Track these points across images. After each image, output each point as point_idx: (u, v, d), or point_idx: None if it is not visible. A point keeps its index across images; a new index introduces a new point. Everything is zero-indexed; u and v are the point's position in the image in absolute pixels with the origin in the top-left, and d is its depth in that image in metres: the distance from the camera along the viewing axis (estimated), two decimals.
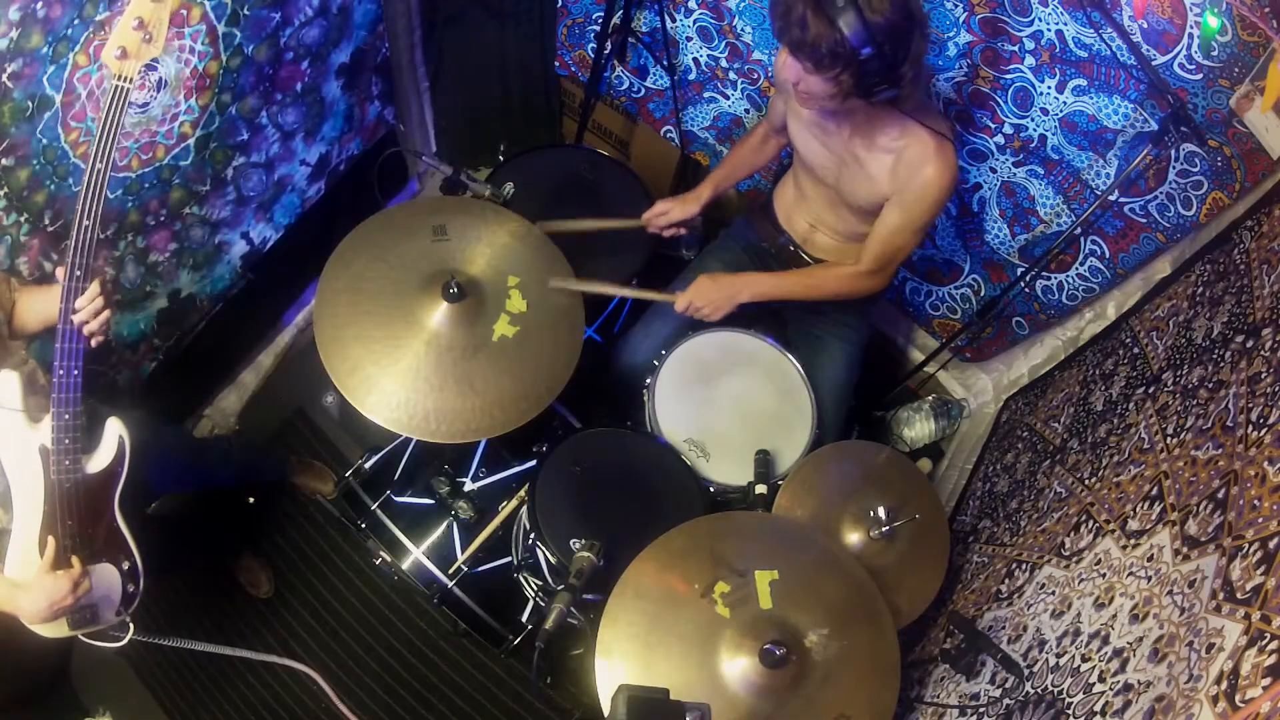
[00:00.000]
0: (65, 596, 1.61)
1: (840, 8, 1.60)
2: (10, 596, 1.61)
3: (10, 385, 1.58)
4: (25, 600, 1.60)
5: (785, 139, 2.26)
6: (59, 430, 1.56)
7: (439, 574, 2.21)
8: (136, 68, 1.43)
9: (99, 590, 1.74)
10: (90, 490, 1.66)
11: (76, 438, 1.58)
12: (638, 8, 2.62)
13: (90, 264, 1.48)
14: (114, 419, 1.70)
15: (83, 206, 1.43)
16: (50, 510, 1.63)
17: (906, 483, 2.08)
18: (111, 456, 1.69)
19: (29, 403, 1.60)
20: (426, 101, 3.11)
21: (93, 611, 1.74)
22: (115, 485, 1.71)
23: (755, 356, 2.30)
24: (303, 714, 2.54)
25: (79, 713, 2.45)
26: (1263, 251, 1.73)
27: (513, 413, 1.93)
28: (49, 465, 1.59)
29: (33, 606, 1.60)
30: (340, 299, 1.93)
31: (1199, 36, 1.78)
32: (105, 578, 1.75)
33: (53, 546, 1.62)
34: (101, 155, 1.42)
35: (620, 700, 1.20)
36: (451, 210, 2.12)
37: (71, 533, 1.65)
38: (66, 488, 1.62)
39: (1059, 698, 1.49)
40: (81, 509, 1.65)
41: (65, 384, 1.53)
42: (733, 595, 1.67)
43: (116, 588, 1.78)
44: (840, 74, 1.69)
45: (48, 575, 1.61)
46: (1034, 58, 2.09)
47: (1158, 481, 1.60)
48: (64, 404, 1.54)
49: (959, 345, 2.82)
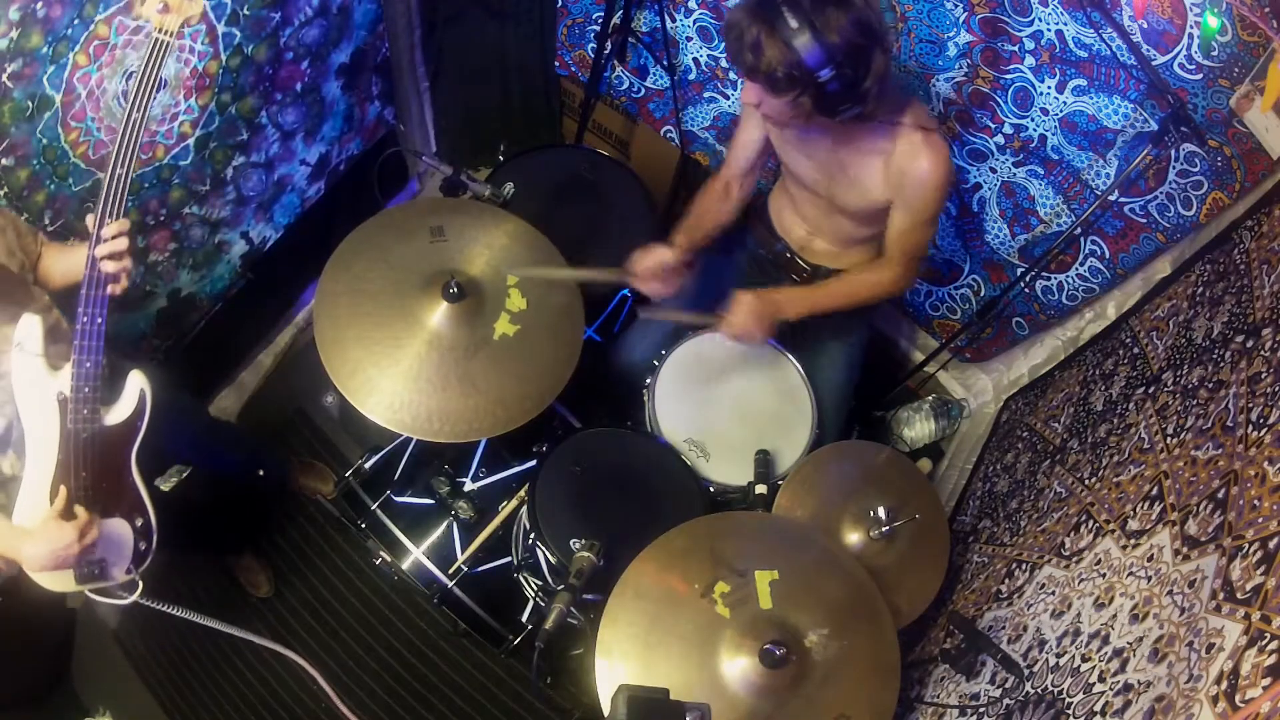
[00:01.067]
0: (70, 545, 1.58)
1: (794, 29, 1.56)
2: (14, 543, 1.59)
3: (33, 329, 1.57)
4: (28, 547, 1.58)
5: (751, 182, 2.20)
6: (79, 378, 1.55)
7: (439, 574, 2.21)
8: (178, 22, 1.45)
9: (109, 545, 1.71)
10: (107, 442, 1.65)
11: (96, 387, 1.57)
12: (638, 8, 2.62)
13: (120, 212, 1.49)
14: (137, 372, 1.69)
15: (117, 154, 1.45)
16: (64, 459, 1.61)
17: (906, 483, 2.08)
18: (131, 409, 1.67)
19: (50, 350, 1.59)
20: (426, 101, 3.11)
21: (101, 566, 1.70)
22: (133, 440, 1.69)
23: (755, 356, 2.30)
24: (302, 714, 2.54)
25: (79, 713, 2.45)
26: (1263, 251, 1.73)
27: (515, 411, 1.93)
28: (66, 413, 1.58)
29: (35, 553, 1.58)
30: (340, 301, 1.93)
31: (1199, 36, 1.78)
32: (116, 533, 1.73)
33: (63, 496, 1.60)
34: (138, 105, 1.44)
35: (620, 700, 1.20)
36: (449, 211, 2.13)
37: (84, 484, 1.64)
38: (83, 438, 1.60)
39: (1059, 698, 1.49)
40: (97, 461, 1.64)
41: (88, 331, 1.52)
42: (733, 595, 1.67)
43: (128, 544, 1.75)
44: (799, 96, 1.66)
45: (54, 523, 1.58)
46: (1034, 58, 2.08)
47: (1158, 481, 1.60)
48: (86, 351, 1.53)
49: (959, 345, 2.82)
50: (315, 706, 2.53)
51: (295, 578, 2.74)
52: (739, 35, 1.63)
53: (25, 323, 1.56)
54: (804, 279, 2.30)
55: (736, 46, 1.65)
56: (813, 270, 2.28)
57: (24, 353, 1.56)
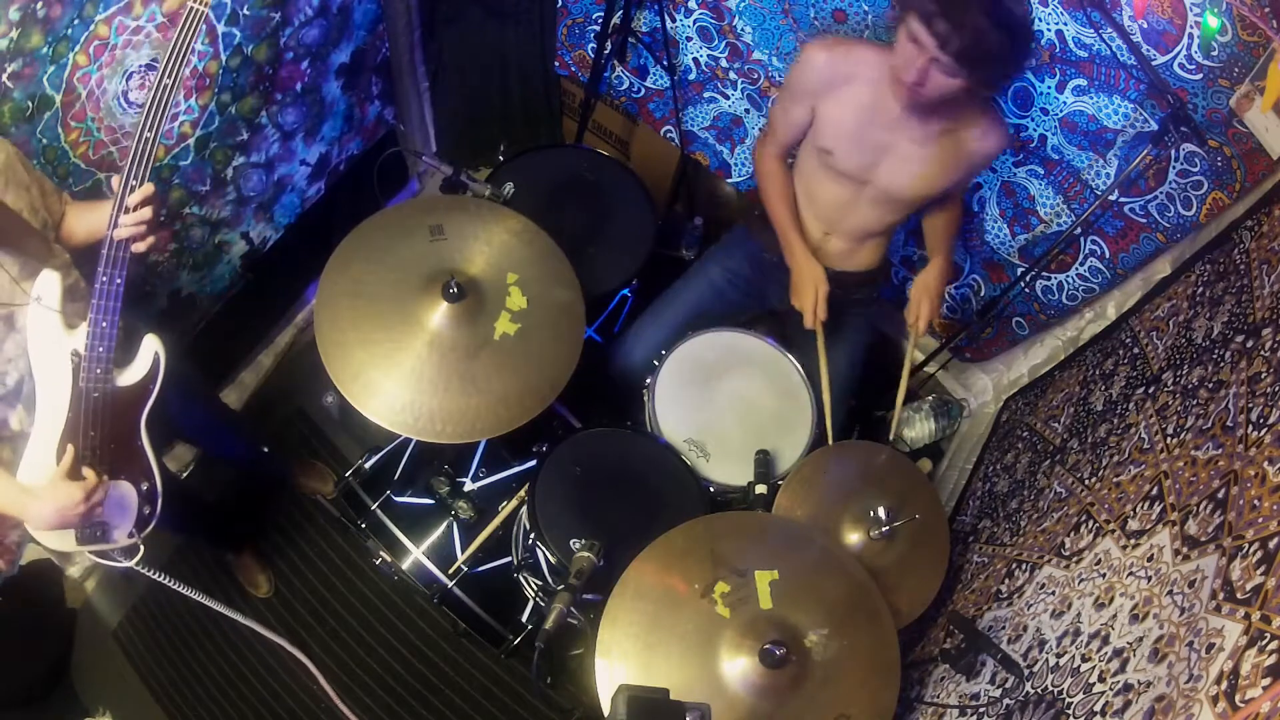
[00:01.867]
0: (76, 505, 1.58)
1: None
2: (18, 500, 1.59)
3: (51, 285, 1.57)
4: (33, 505, 1.58)
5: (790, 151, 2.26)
6: (94, 337, 1.55)
7: (439, 574, 2.21)
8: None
9: (113, 507, 1.71)
10: (118, 403, 1.64)
11: (111, 347, 1.57)
12: (638, 8, 2.62)
13: (146, 175, 1.49)
14: (152, 336, 1.69)
15: (146, 119, 1.45)
16: (74, 418, 1.61)
17: (906, 483, 2.08)
18: (145, 372, 1.67)
19: (67, 308, 1.59)
20: (426, 101, 3.11)
21: (104, 528, 1.70)
22: (145, 403, 1.69)
23: (755, 356, 2.30)
24: (302, 713, 2.54)
25: (79, 713, 2.45)
26: (1263, 251, 1.73)
27: (516, 411, 1.93)
28: (79, 372, 1.58)
29: (39, 512, 1.58)
30: (340, 301, 1.93)
31: (1199, 36, 1.78)
32: (122, 495, 1.72)
33: (70, 455, 1.60)
34: (170, 72, 1.45)
35: (620, 700, 1.20)
36: (447, 209, 2.12)
37: (93, 444, 1.63)
38: (94, 397, 1.60)
39: (1059, 698, 1.49)
40: (106, 421, 1.64)
41: (107, 291, 1.52)
42: (733, 595, 1.67)
43: (132, 507, 1.75)
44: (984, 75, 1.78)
45: (61, 482, 1.58)
46: (1034, 58, 2.08)
47: (1158, 481, 1.60)
48: (103, 311, 1.53)
49: (959, 345, 2.82)
50: (315, 706, 2.53)
51: (295, 578, 2.73)
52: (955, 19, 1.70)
53: (44, 278, 1.56)
54: None
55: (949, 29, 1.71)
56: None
57: (41, 307, 1.55)
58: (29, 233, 1.59)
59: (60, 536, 1.67)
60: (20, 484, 1.61)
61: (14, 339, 1.60)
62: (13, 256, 1.55)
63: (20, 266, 1.56)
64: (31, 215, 1.60)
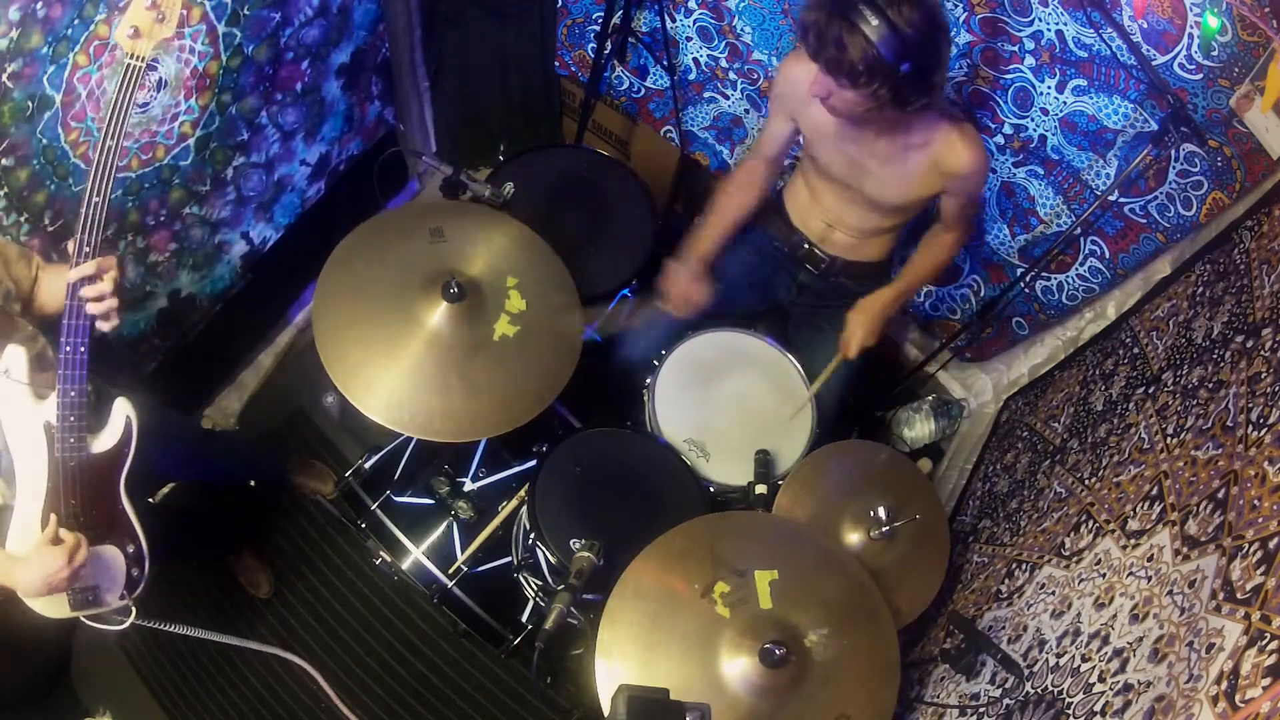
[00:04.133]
0: (61, 570, 1.58)
1: (874, 25, 1.62)
2: (7, 570, 1.59)
3: (18, 359, 1.56)
4: (21, 574, 1.58)
5: (775, 171, 2.26)
6: (64, 407, 1.55)
7: (439, 574, 2.21)
8: (149, 47, 1.44)
9: (101, 572, 1.72)
10: (95, 470, 1.65)
11: (82, 415, 1.57)
12: (638, 8, 2.62)
13: (99, 240, 1.48)
14: (122, 399, 1.69)
15: (92, 183, 1.44)
16: (53, 488, 1.62)
17: (906, 483, 2.08)
18: (118, 437, 1.67)
19: (36, 379, 1.58)
20: (426, 101, 3.11)
21: (94, 593, 1.71)
22: (121, 466, 1.69)
23: (755, 356, 2.30)
24: (302, 714, 2.54)
25: (79, 713, 2.45)
26: (1263, 251, 1.73)
27: (516, 411, 1.93)
28: (54, 442, 1.58)
29: (28, 580, 1.58)
30: (340, 301, 1.93)
31: (1199, 36, 1.78)
32: (108, 559, 1.73)
33: (54, 522, 1.60)
34: (112, 133, 1.43)
35: (620, 700, 1.20)
36: (447, 213, 2.13)
37: (74, 511, 1.64)
38: (71, 466, 1.60)
39: (1059, 698, 1.49)
40: (85, 488, 1.64)
41: (71, 360, 1.52)
42: (733, 595, 1.67)
43: (120, 570, 1.76)
44: (878, 89, 1.72)
45: (45, 548, 1.58)
46: (1034, 58, 2.08)
47: (1158, 481, 1.60)
48: (70, 380, 1.53)
49: (959, 345, 2.82)
50: (315, 706, 2.53)
51: (295, 578, 2.73)
52: (820, 31, 1.68)
53: (9, 353, 1.56)
54: (821, 270, 2.32)
55: (818, 43, 1.69)
56: (830, 261, 2.29)
57: (10, 381, 1.55)
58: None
59: (54, 603, 1.68)
60: (8, 554, 1.62)
61: None
62: None
63: None
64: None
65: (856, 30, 1.63)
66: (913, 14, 1.64)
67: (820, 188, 2.21)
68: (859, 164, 2.03)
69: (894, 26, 1.62)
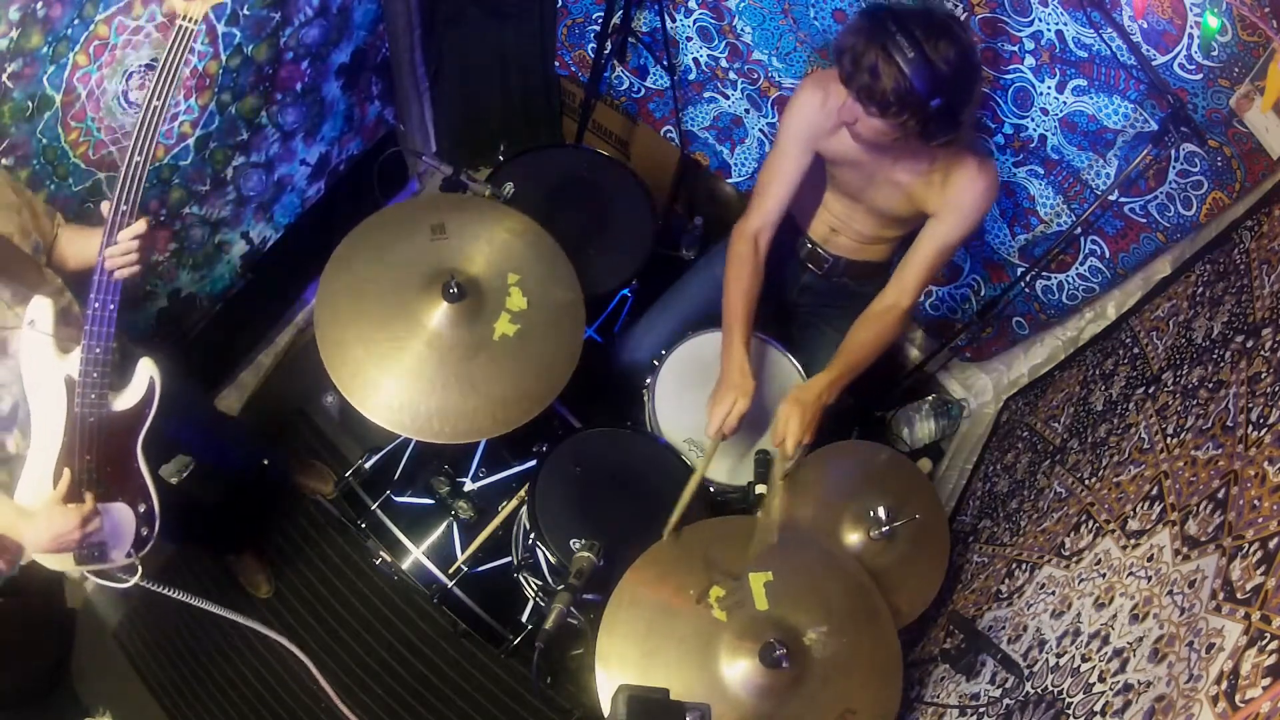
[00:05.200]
0: (72, 531, 1.58)
1: (910, 57, 1.62)
2: (14, 523, 1.59)
3: (44, 310, 1.56)
4: (29, 528, 1.58)
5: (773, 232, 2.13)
6: (87, 363, 1.55)
7: (439, 574, 2.21)
8: (203, 10, 1.45)
9: (111, 529, 1.71)
10: (114, 428, 1.65)
11: (105, 373, 1.57)
12: (638, 8, 2.62)
13: (138, 199, 1.48)
14: (147, 359, 1.69)
15: (135, 143, 1.44)
16: (69, 442, 1.61)
17: (906, 483, 2.08)
18: (140, 396, 1.67)
19: (60, 332, 1.58)
20: (426, 101, 3.11)
21: (101, 549, 1.70)
22: (140, 427, 1.69)
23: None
24: (302, 713, 2.54)
25: (79, 713, 2.45)
26: (1263, 251, 1.73)
27: (515, 412, 1.93)
28: (73, 397, 1.58)
29: (36, 536, 1.58)
30: (340, 301, 1.93)
31: (1199, 36, 1.78)
32: (119, 517, 1.73)
33: (67, 479, 1.60)
34: (159, 94, 1.43)
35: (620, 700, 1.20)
36: (449, 208, 2.12)
37: (89, 467, 1.64)
38: (89, 422, 1.60)
39: (1059, 698, 1.49)
40: (102, 445, 1.64)
41: (100, 317, 1.52)
42: (728, 599, 1.67)
43: (130, 529, 1.76)
44: (906, 120, 1.71)
45: (57, 507, 1.59)
46: (1034, 58, 2.08)
47: (1158, 481, 1.60)
48: (96, 337, 1.53)
49: (959, 345, 2.82)
50: (315, 706, 2.53)
51: (295, 578, 2.73)
52: (855, 58, 1.68)
53: (37, 303, 1.56)
54: (824, 270, 2.31)
55: (853, 69, 1.69)
56: (833, 261, 2.29)
57: (34, 332, 1.55)
58: (20, 257, 1.59)
59: (60, 558, 1.68)
60: (17, 506, 1.61)
61: (6, 364, 1.60)
62: (3, 281, 1.55)
63: (12, 291, 1.57)
64: (22, 239, 1.60)
65: (892, 60, 1.63)
66: (949, 50, 1.64)
67: (829, 197, 2.20)
68: (873, 180, 2.02)
69: (929, 60, 1.62)
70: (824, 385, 1.99)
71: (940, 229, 1.98)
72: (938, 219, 1.97)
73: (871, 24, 1.67)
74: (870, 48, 1.66)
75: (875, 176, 2.01)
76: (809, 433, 1.94)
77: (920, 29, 1.63)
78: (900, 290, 2.05)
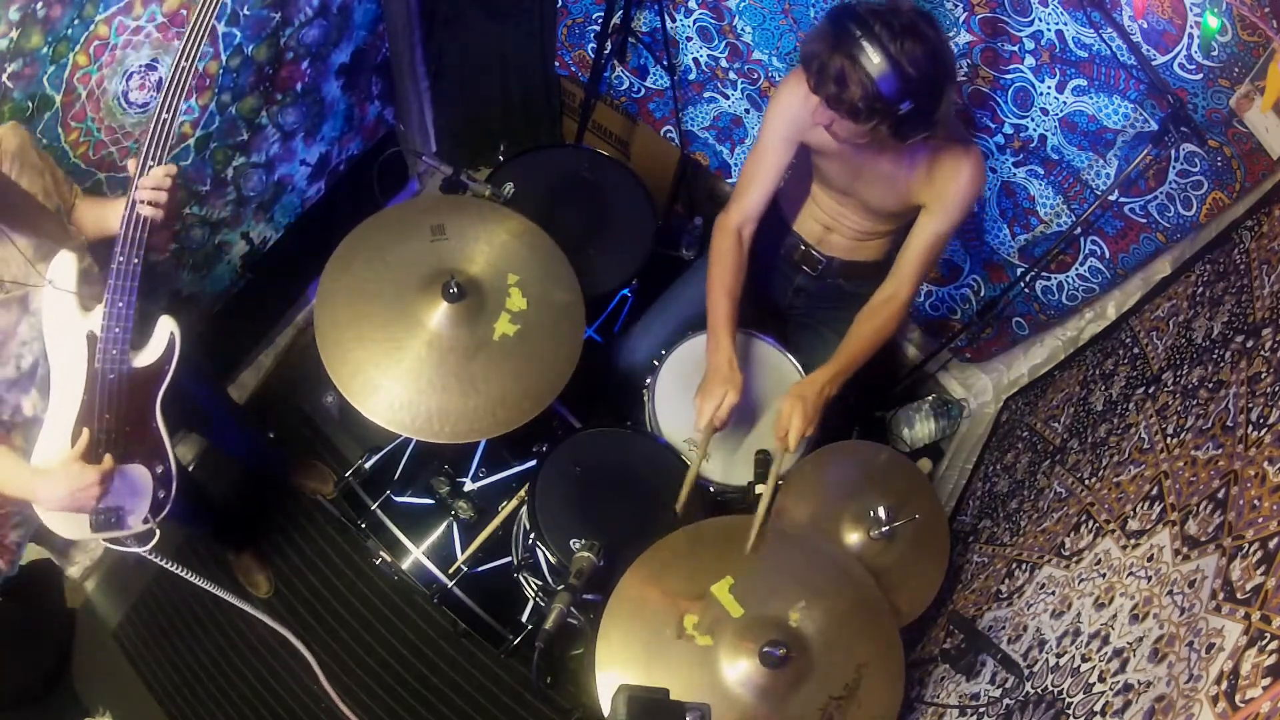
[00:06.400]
0: (90, 488, 1.57)
1: (876, 63, 1.60)
2: (31, 483, 1.57)
3: (67, 266, 1.56)
4: (45, 486, 1.56)
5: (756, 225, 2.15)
6: (111, 318, 1.54)
7: (439, 574, 2.21)
8: None
9: (127, 492, 1.70)
10: (134, 385, 1.64)
11: (128, 328, 1.56)
12: (638, 8, 2.62)
13: (163, 154, 1.49)
14: (167, 317, 1.69)
15: (164, 100, 1.45)
16: (89, 400, 1.60)
17: (906, 483, 2.08)
18: (160, 353, 1.67)
19: (82, 290, 1.58)
20: (426, 101, 3.11)
21: (118, 514, 1.69)
22: (160, 384, 1.68)
23: (755, 356, 2.30)
24: (302, 713, 2.54)
25: (79, 713, 2.45)
26: (1263, 251, 1.73)
27: (515, 412, 1.93)
28: (95, 353, 1.57)
29: (52, 492, 1.56)
30: (340, 301, 1.93)
31: (1199, 36, 1.78)
32: (136, 479, 1.72)
33: (86, 438, 1.59)
34: (187, 55, 1.45)
35: (620, 700, 1.20)
36: (449, 209, 2.12)
37: (108, 426, 1.63)
38: (110, 379, 1.59)
39: (1059, 698, 1.49)
40: (122, 403, 1.63)
41: (124, 271, 1.52)
42: (705, 622, 1.64)
43: (147, 491, 1.74)
44: (877, 125, 1.71)
45: (75, 464, 1.57)
46: (1034, 58, 2.09)
47: (1158, 481, 1.60)
48: (120, 291, 1.52)
49: (959, 345, 2.82)
50: (315, 706, 2.53)
51: (295, 578, 2.73)
52: (821, 66, 1.66)
53: (60, 259, 1.56)
54: (818, 271, 2.31)
55: (819, 77, 1.68)
56: (827, 262, 2.29)
57: (56, 289, 1.55)
58: (43, 214, 1.58)
59: (75, 524, 1.66)
60: (33, 467, 1.60)
61: (28, 321, 1.59)
62: (27, 238, 1.53)
63: (35, 248, 1.55)
64: (46, 198, 1.60)
65: (858, 66, 1.62)
66: (915, 49, 1.61)
67: (819, 192, 2.20)
68: (860, 175, 2.03)
69: (896, 64, 1.60)
70: (826, 379, 2.00)
71: (931, 221, 1.98)
72: (928, 211, 1.98)
73: (836, 29, 1.65)
74: (835, 55, 1.64)
75: (862, 171, 2.01)
76: (812, 426, 1.95)
77: (886, 31, 1.61)
78: (899, 281, 2.06)
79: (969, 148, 1.91)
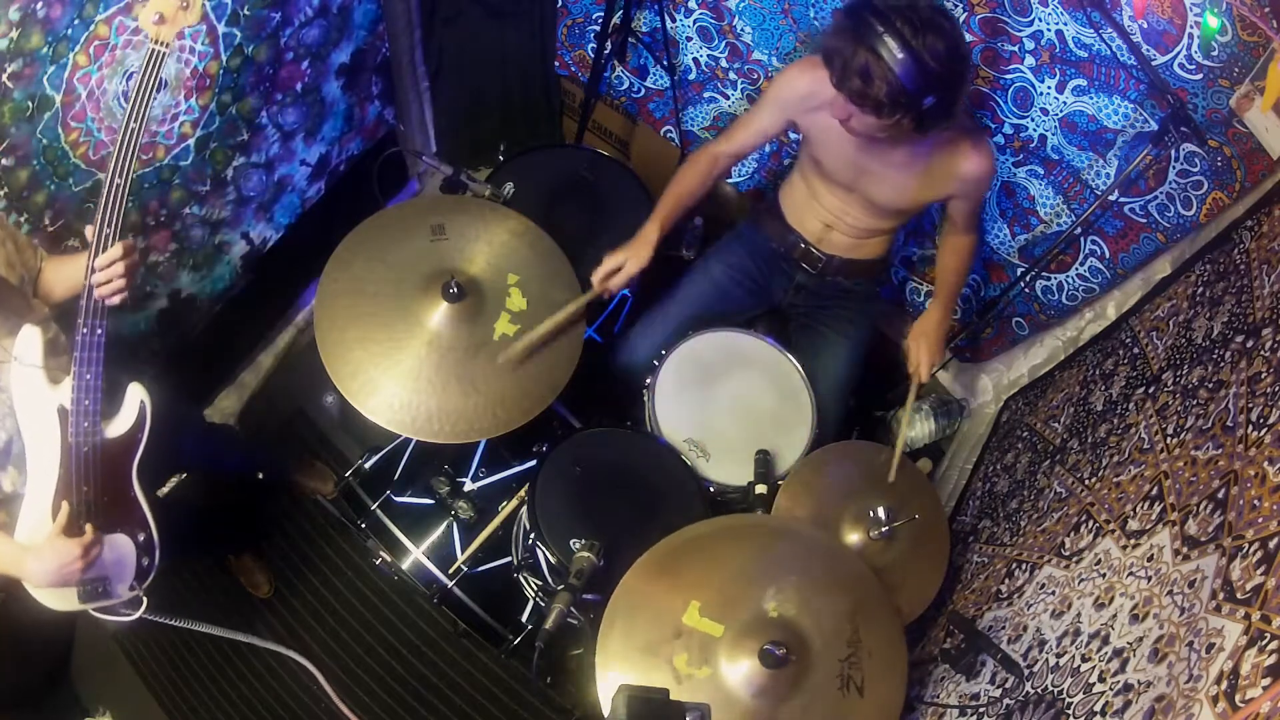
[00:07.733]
0: (75, 561, 1.57)
1: (900, 58, 1.61)
2: (16, 560, 1.57)
3: (32, 342, 1.55)
4: (32, 564, 1.56)
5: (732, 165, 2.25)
6: (79, 390, 1.53)
7: (439, 574, 2.21)
8: (173, 33, 1.45)
9: (112, 562, 1.70)
10: (109, 456, 1.63)
11: (97, 399, 1.55)
12: (638, 8, 2.62)
13: (120, 222, 1.47)
14: (136, 384, 1.68)
15: (114, 165, 1.43)
16: (65, 474, 1.60)
17: (906, 483, 2.08)
18: (132, 422, 1.66)
19: (50, 363, 1.57)
20: (426, 101, 3.11)
21: (105, 584, 1.69)
22: (134, 453, 1.68)
23: (755, 356, 2.30)
24: (302, 714, 2.54)
25: (79, 713, 2.45)
26: (1263, 251, 1.73)
27: (515, 412, 1.93)
28: (67, 427, 1.56)
29: (39, 570, 1.56)
30: (340, 301, 1.93)
31: (1199, 36, 1.78)
32: (119, 549, 1.71)
33: (66, 511, 1.58)
34: (135, 116, 1.43)
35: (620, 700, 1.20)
36: (449, 209, 2.12)
37: (86, 499, 1.62)
38: (84, 451, 1.58)
39: (1059, 698, 1.49)
40: (99, 474, 1.62)
41: (88, 342, 1.50)
42: (694, 656, 1.60)
43: (130, 560, 1.74)
44: (900, 119, 1.72)
45: (58, 539, 1.57)
46: (1034, 58, 2.09)
47: (1158, 481, 1.60)
48: (86, 363, 1.51)
49: (959, 345, 2.82)
50: (315, 706, 2.53)
51: (295, 578, 2.73)
52: (845, 62, 1.67)
53: (25, 335, 1.55)
54: (818, 269, 2.32)
55: (842, 73, 1.69)
56: (827, 260, 2.29)
57: (23, 365, 1.54)
58: (6, 288, 1.57)
59: (62, 596, 1.66)
60: (18, 544, 1.59)
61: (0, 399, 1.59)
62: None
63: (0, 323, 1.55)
64: (8, 271, 1.59)
65: (881, 62, 1.63)
66: (937, 43, 1.63)
67: (820, 188, 2.21)
68: (865, 169, 2.03)
69: (918, 59, 1.61)
70: (941, 313, 2.23)
71: (964, 204, 2.10)
72: (959, 197, 2.07)
73: (856, 24, 1.66)
74: (859, 51, 1.64)
75: (869, 167, 2.02)
76: (938, 356, 2.21)
77: (907, 26, 1.62)
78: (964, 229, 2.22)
79: (976, 137, 1.96)
